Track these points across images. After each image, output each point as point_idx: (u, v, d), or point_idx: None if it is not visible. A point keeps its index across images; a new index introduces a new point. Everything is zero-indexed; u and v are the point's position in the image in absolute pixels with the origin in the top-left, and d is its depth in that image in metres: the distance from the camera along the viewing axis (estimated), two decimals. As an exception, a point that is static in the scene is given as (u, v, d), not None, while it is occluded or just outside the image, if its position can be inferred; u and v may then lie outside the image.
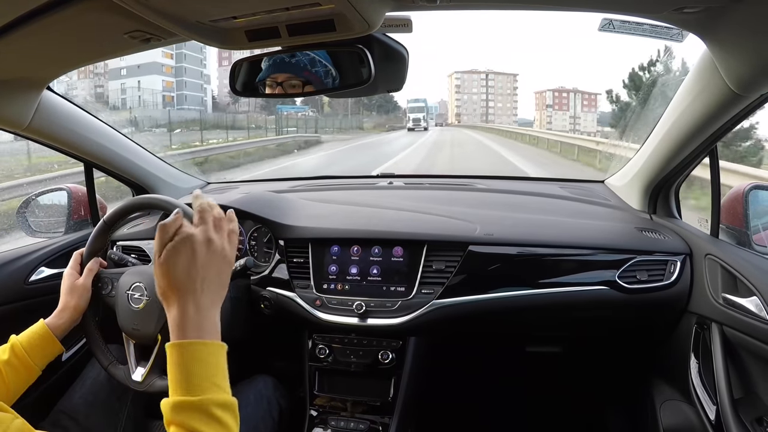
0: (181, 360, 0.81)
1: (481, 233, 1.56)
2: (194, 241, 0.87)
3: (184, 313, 0.84)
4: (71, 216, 1.92)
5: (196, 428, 0.76)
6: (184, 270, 0.85)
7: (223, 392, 0.82)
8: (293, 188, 2.17)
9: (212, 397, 0.79)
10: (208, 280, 0.86)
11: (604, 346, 1.91)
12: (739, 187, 1.48)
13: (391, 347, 1.55)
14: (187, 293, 0.85)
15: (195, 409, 0.77)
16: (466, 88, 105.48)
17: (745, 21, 0.91)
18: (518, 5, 1.02)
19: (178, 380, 0.80)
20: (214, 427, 0.77)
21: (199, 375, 0.80)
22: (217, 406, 0.79)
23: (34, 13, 0.90)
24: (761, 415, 1.23)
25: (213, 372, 0.82)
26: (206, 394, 0.79)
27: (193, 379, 0.80)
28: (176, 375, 0.80)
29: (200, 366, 0.81)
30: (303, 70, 1.16)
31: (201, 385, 0.80)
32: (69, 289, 1.30)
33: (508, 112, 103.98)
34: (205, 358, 0.82)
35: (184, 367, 0.81)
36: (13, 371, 1.14)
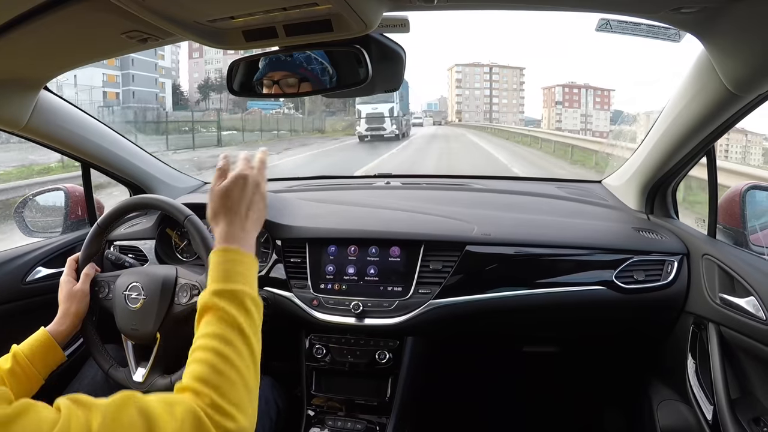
0: (224, 259, 0.95)
1: (478, 233, 1.56)
2: (246, 178, 1.03)
3: (231, 229, 0.99)
4: (68, 216, 1.92)
5: (231, 312, 0.87)
6: (237, 198, 1.01)
7: (254, 291, 0.94)
8: (290, 188, 2.17)
9: (247, 290, 0.92)
10: (252, 210, 1.02)
11: (601, 346, 1.91)
12: (737, 187, 1.48)
13: (388, 347, 1.55)
14: (236, 215, 1.00)
15: (232, 296, 0.89)
16: (468, 82, 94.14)
17: (742, 21, 0.91)
18: (516, 5, 1.02)
19: (219, 274, 0.93)
20: (243, 314, 0.89)
21: (238, 273, 0.93)
22: (249, 299, 0.91)
23: (31, 13, 0.90)
24: (758, 415, 1.23)
25: (249, 275, 0.95)
26: (242, 286, 0.92)
27: (232, 275, 0.93)
28: (218, 271, 0.93)
29: (240, 267, 0.94)
30: (299, 68, 1.16)
31: (238, 280, 0.92)
32: (67, 296, 1.30)
33: (514, 109, 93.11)
34: (244, 262, 0.96)
35: (226, 265, 0.94)
36: (16, 380, 1.14)
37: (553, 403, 2.11)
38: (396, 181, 2.27)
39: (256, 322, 0.91)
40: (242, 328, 0.87)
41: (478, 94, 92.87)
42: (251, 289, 0.93)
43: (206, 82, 64.93)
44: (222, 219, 1.00)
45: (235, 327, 0.86)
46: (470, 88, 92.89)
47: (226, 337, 0.85)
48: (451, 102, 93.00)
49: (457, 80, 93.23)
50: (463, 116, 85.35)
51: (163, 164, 2.14)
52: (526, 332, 1.82)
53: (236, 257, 0.95)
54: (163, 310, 1.29)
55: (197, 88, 59.94)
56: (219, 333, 0.85)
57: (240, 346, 0.85)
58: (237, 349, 0.84)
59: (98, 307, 1.37)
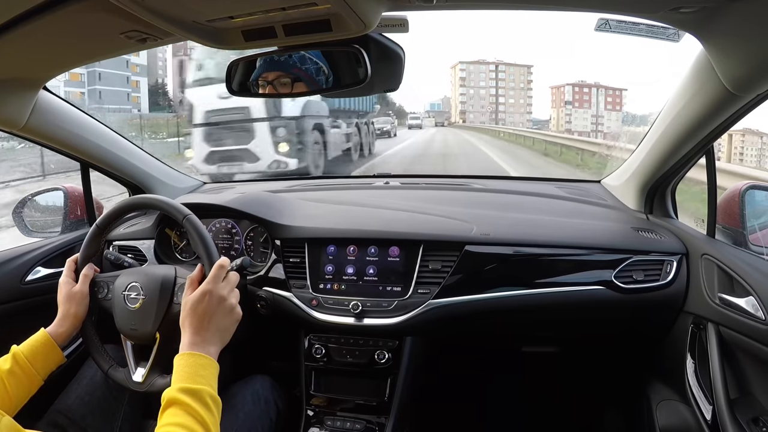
0: (188, 363, 1.05)
1: (477, 233, 1.56)
2: (210, 294, 1.14)
3: (194, 338, 1.10)
4: (67, 216, 1.92)
5: (194, 408, 0.96)
6: (202, 311, 1.13)
7: (215, 391, 1.04)
8: (290, 188, 2.17)
9: (209, 390, 1.01)
10: (213, 322, 1.13)
11: (601, 346, 1.91)
12: (736, 187, 1.48)
13: (388, 347, 1.55)
14: (200, 326, 1.11)
15: (195, 394, 0.98)
16: (473, 80, 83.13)
17: (741, 21, 0.92)
18: (516, 5, 1.02)
19: (184, 375, 1.03)
20: (205, 411, 0.97)
21: (201, 375, 1.03)
22: (210, 398, 1.00)
23: (30, 13, 0.90)
24: (757, 415, 1.23)
25: (211, 379, 1.06)
26: (205, 386, 1.01)
27: (195, 376, 1.02)
28: (183, 372, 1.03)
29: (202, 370, 1.05)
30: (292, 68, 1.16)
31: (201, 381, 1.02)
32: (67, 298, 1.30)
33: (521, 109, 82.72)
34: (206, 366, 1.06)
35: (190, 368, 1.04)
36: (16, 381, 1.14)
37: (553, 404, 2.11)
38: (395, 181, 2.27)
39: (216, 417, 1.00)
40: (204, 421, 0.96)
41: (483, 93, 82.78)
42: (212, 389, 1.03)
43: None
44: (188, 327, 1.11)
45: (198, 420, 0.95)
46: (475, 87, 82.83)
47: (190, 427, 0.94)
48: (454, 102, 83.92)
49: (461, 79, 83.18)
50: (467, 117, 78.41)
51: (162, 164, 2.14)
52: (525, 332, 1.82)
53: (199, 361, 1.06)
54: (162, 310, 1.29)
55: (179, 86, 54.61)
56: (184, 423, 0.94)
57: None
58: None
59: (97, 307, 1.37)
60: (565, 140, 19.86)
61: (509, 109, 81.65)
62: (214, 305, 1.14)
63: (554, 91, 76.73)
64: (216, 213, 1.77)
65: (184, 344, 1.09)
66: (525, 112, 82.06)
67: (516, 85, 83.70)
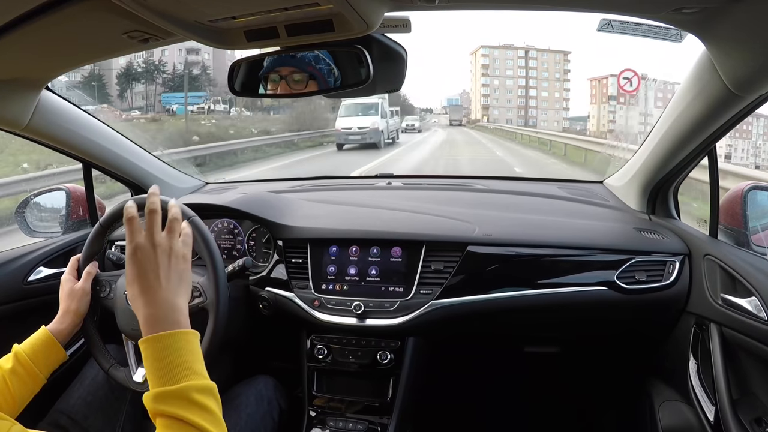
0: (156, 353, 0.84)
1: (479, 233, 1.56)
2: (141, 248, 0.91)
3: (149, 311, 0.88)
4: (70, 216, 1.92)
5: (181, 415, 0.78)
6: (141, 274, 0.90)
7: (202, 377, 0.85)
8: (292, 188, 2.17)
9: (192, 384, 0.82)
10: (166, 277, 0.91)
11: (603, 347, 1.91)
12: (738, 188, 1.48)
13: (390, 348, 1.55)
14: (148, 293, 0.88)
15: (176, 397, 0.80)
16: (498, 69, 67.30)
17: (744, 21, 0.91)
18: (518, 5, 1.02)
19: (156, 372, 0.83)
20: (196, 412, 0.79)
21: (176, 364, 0.83)
22: (197, 392, 0.81)
23: (32, 13, 0.90)
24: (760, 416, 1.23)
25: (189, 359, 0.85)
26: (185, 381, 0.82)
27: (170, 369, 0.82)
28: (153, 368, 0.83)
29: (176, 355, 0.84)
30: (308, 65, 1.16)
31: (179, 374, 0.82)
32: (68, 294, 1.30)
33: (556, 104, 67.14)
34: (179, 347, 0.85)
35: (160, 359, 0.83)
36: (19, 380, 1.14)
37: (555, 404, 2.11)
38: (397, 181, 2.27)
39: (214, 411, 0.82)
40: (201, 426, 0.79)
41: (510, 84, 66.41)
42: (196, 378, 0.83)
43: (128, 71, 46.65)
44: (138, 303, 0.89)
45: (193, 427, 0.79)
46: (500, 77, 66.68)
47: None
48: (475, 94, 68.09)
49: (483, 66, 66.89)
50: (490, 113, 63.82)
51: (165, 164, 2.14)
52: (527, 333, 1.82)
53: (168, 344, 0.85)
54: None
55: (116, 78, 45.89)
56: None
57: None
58: None
59: (99, 306, 1.37)
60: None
61: (541, 104, 65.14)
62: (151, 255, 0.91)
63: (594, 83, 59.68)
64: (218, 213, 1.77)
65: (141, 323, 0.87)
66: (561, 108, 63.88)
67: (550, 75, 66.73)
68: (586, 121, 49.76)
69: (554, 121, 56.14)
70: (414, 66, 1.22)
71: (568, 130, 26.12)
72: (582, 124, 49.98)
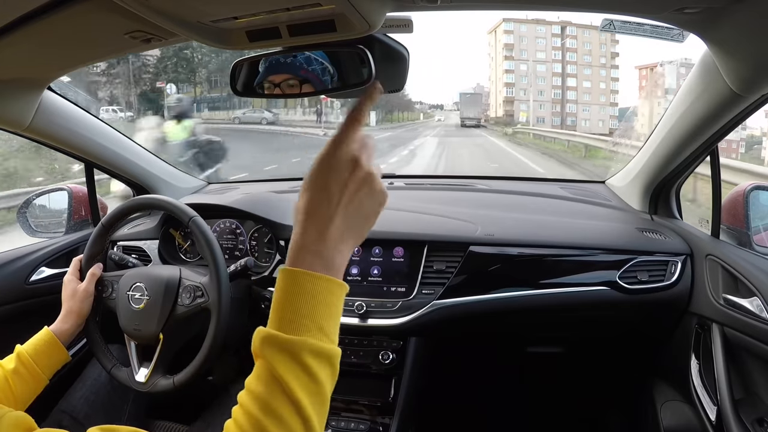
0: (286, 289, 0.68)
1: (481, 234, 1.56)
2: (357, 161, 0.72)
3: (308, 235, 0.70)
4: (72, 216, 1.92)
5: (279, 372, 0.63)
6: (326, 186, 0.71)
7: (326, 338, 0.67)
8: (294, 188, 2.17)
9: (309, 341, 0.64)
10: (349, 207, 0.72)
11: (605, 347, 1.91)
12: (740, 188, 1.48)
13: (392, 348, 1.55)
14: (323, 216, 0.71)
15: (284, 348, 0.64)
16: (526, 50, 46.79)
17: (746, 21, 0.91)
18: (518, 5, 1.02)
19: (277, 311, 0.67)
20: (299, 376, 0.63)
21: (302, 311, 0.67)
22: (311, 353, 0.64)
23: (34, 13, 0.90)
24: (762, 416, 1.23)
25: (321, 312, 0.67)
26: (303, 334, 0.65)
27: (293, 315, 0.66)
28: (276, 306, 0.68)
29: (306, 301, 0.67)
30: (300, 69, 1.16)
31: (300, 323, 0.66)
32: (71, 295, 1.30)
33: (601, 97, 46.10)
34: (315, 294, 0.68)
35: (287, 298, 0.67)
36: (21, 380, 1.14)
37: (557, 404, 2.11)
38: (399, 181, 2.27)
39: (321, 383, 0.65)
40: (294, 396, 0.62)
41: (542, 70, 46.81)
42: (318, 337, 0.66)
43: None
44: (302, 216, 0.71)
45: (285, 394, 0.63)
46: (528, 61, 47.04)
47: (271, 406, 0.62)
48: (495, 84, 48.03)
49: (506, 47, 47.03)
50: (516, 109, 44.89)
51: (167, 164, 2.14)
52: (529, 333, 1.82)
53: (304, 284, 0.68)
54: (166, 311, 1.30)
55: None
56: (263, 397, 0.63)
57: (289, 420, 0.62)
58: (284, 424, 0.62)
59: (101, 306, 1.38)
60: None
61: (582, 97, 45.97)
62: (345, 173, 0.71)
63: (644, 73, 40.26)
64: (220, 213, 1.77)
65: (291, 244, 0.70)
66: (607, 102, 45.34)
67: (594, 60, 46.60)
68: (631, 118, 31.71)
69: (598, 120, 41.40)
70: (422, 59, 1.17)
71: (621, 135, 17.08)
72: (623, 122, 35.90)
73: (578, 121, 42.92)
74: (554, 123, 42.14)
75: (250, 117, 25.88)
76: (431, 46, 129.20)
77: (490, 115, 43.84)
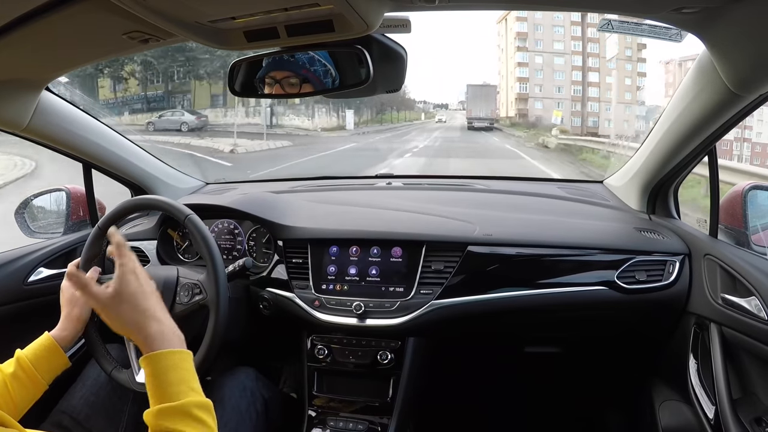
0: (153, 371, 0.90)
1: (480, 234, 1.56)
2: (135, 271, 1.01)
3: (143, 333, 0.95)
4: (70, 216, 1.92)
5: (182, 431, 0.83)
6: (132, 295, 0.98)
7: (199, 395, 0.90)
8: (292, 189, 2.17)
9: (192, 400, 0.87)
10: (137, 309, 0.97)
11: (603, 347, 1.91)
12: (738, 187, 1.48)
13: (390, 348, 1.55)
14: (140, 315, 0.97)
15: (178, 412, 0.85)
16: (541, 40, 40.91)
17: (744, 21, 0.92)
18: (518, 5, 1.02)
19: (157, 389, 0.88)
20: (197, 427, 0.85)
21: (175, 381, 0.89)
22: (197, 408, 0.87)
23: (32, 13, 0.90)
24: (760, 415, 1.23)
25: (187, 377, 0.91)
26: (186, 397, 0.87)
27: (170, 386, 0.88)
28: (154, 385, 0.89)
29: (174, 373, 0.90)
30: (302, 68, 1.16)
31: (179, 390, 0.88)
32: (69, 301, 1.30)
33: (626, 95, 38.28)
34: (176, 365, 0.91)
35: (159, 376, 0.89)
36: (20, 385, 1.14)
37: (555, 404, 2.11)
38: (397, 181, 2.27)
39: (212, 425, 0.89)
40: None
41: (559, 63, 40.45)
42: (195, 395, 0.89)
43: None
44: (129, 327, 0.97)
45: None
46: (543, 52, 40.83)
47: None
48: (505, 79, 42.36)
49: (518, 36, 41.06)
50: (529, 108, 39.24)
51: (165, 165, 2.14)
52: (527, 333, 1.82)
53: (166, 362, 0.91)
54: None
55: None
56: None
57: None
58: None
59: None
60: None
61: (605, 95, 38.48)
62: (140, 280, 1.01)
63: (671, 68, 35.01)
64: (218, 214, 1.77)
65: (140, 347, 0.95)
66: (633, 100, 38.04)
67: (619, 53, 38.11)
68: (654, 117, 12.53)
69: (622, 120, 34.81)
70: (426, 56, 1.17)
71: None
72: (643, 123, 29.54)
73: (600, 122, 36.50)
74: (574, 124, 36.45)
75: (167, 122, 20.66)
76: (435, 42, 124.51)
77: (500, 115, 38.64)
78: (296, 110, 23.34)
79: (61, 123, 1.57)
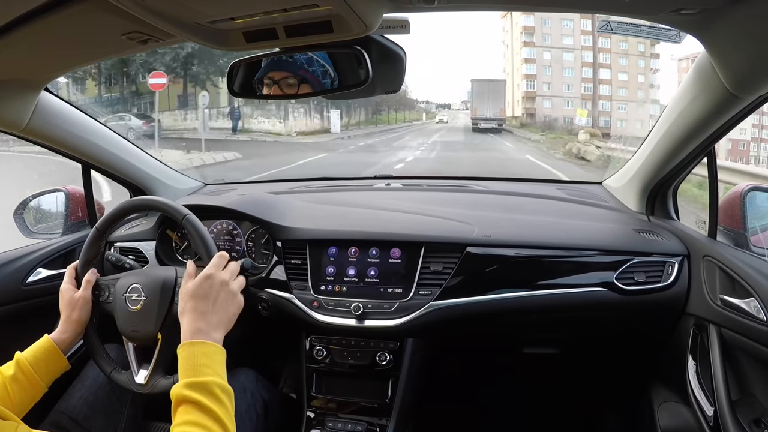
0: (190, 353, 1.02)
1: (478, 235, 1.56)
2: (212, 277, 1.14)
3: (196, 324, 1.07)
4: (69, 217, 1.92)
5: (204, 403, 0.94)
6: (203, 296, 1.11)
7: (224, 381, 1.01)
8: (291, 189, 2.17)
9: (216, 380, 0.98)
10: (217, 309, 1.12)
11: (602, 348, 1.91)
12: (737, 189, 1.48)
13: (389, 349, 1.55)
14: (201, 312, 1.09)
15: (203, 387, 0.96)
16: (550, 35, 37.88)
17: (742, 22, 0.92)
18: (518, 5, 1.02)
19: (188, 368, 1.00)
20: (217, 405, 0.95)
21: (206, 365, 1.01)
22: (219, 389, 0.97)
23: (31, 14, 0.90)
24: (759, 417, 1.23)
25: (216, 367, 1.02)
26: (212, 377, 0.98)
27: (200, 367, 1.00)
28: (187, 365, 1.01)
29: (206, 359, 1.02)
30: (300, 69, 1.16)
31: (207, 372, 0.99)
32: (68, 303, 1.30)
33: (639, 93, 36.09)
34: (210, 355, 1.03)
35: (193, 359, 1.02)
36: (19, 387, 1.14)
37: (554, 405, 2.11)
38: (396, 182, 2.26)
39: (230, 409, 0.98)
40: (218, 416, 0.94)
41: (569, 60, 38.10)
42: (221, 379, 1.00)
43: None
44: (188, 314, 1.09)
45: (211, 415, 0.93)
46: (551, 48, 38.31)
47: (205, 425, 0.92)
48: (512, 77, 39.96)
49: (525, 30, 38.81)
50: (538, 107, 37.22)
51: (164, 165, 2.14)
52: (526, 334, 1.82)
53: (203, 350, 1.03)
54: (163, 311, 1.29)
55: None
56: (197, 421, 0.92)
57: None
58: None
59: (99, 310, 1.37)
60: None
61: (617, 93, 36.61)
62: (217, 289, 1.13)
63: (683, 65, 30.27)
64: (217, 214, 1.77)
65: (185, 333, 1.07)
66: (646, 99, 36.12)
67: (631, 48, 36.96)
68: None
69: (636, 120, 33.03)
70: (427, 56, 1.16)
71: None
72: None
73: (612, 122, 34.06)
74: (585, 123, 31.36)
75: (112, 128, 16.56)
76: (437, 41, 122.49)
77: (507, 114, 34.74)
78: (266, 112, 20.12)
79: (60, 123, 1.57)
